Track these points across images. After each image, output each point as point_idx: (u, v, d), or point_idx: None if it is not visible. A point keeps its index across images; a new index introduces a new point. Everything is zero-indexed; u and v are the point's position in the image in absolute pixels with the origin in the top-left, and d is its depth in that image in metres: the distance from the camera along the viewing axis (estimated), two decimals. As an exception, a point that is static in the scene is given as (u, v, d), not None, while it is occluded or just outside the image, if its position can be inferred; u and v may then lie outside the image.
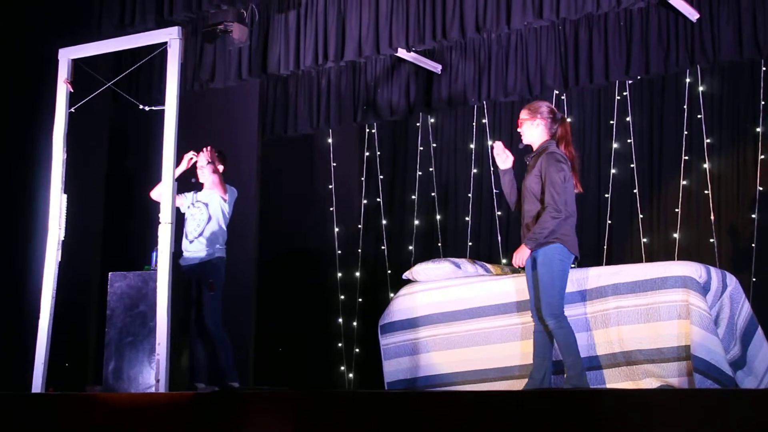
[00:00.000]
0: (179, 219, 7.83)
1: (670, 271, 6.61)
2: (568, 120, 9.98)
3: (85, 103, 7.36)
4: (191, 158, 7.90)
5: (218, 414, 5.16)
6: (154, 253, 7.12)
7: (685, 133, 9.62)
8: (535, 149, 6.55)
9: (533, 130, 6.55)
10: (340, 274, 11.11)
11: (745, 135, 9.44)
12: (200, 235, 7.79)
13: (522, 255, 6.28)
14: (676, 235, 9.53)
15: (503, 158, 6.63)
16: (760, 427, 3.95)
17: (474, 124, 10.79)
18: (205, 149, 7.89)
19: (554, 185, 6.28)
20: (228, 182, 7.99)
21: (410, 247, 10.99)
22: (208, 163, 7.84)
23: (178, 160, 7.21)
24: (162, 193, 6.88)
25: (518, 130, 6.64)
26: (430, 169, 11.05)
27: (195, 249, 7.78)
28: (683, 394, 4.94)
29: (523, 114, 6.59)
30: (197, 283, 7.71)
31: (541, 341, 6.38)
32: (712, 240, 9.32)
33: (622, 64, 8.74)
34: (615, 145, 9.95)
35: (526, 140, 6.61)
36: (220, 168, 7.95)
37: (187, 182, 7.91)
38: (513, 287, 7.00)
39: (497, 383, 7.07)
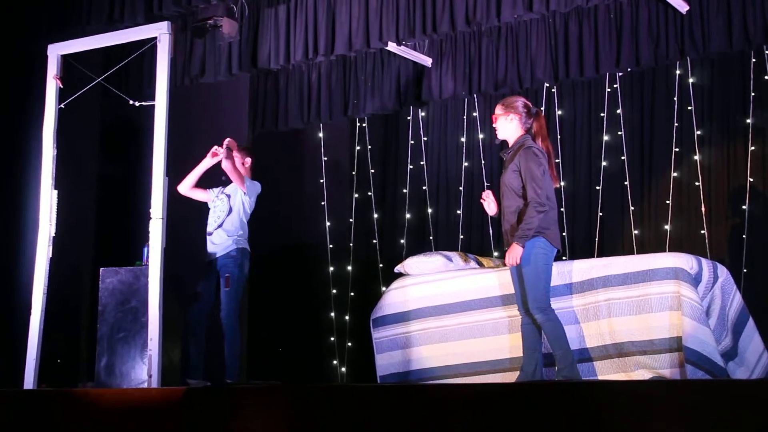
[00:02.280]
0: (197, 214, 7.85)
1: (661, 263, 6.62)
2: (559, 113, 10.14)
3: (75, 99, 7.35)
4: (215, 152, 7.80)
5: (211, 409, 5.16)
6: (146, 249, 7.11)
7: (676, 125, 9.63)
8: (510, 144, 6.56)
9: (507, 125, 6.56)
10: (331, 269, 11.11)
11: (736, 126, 9.46)
12: (219, 226, 7.71)
13: (515, 254, 6.27)
14: (667, 227, 9.55)
15: (489, 205, 6.68)
16: (751, 417, 3.96)
17: (465, 117, 10.80)
18: (225, 147, 7.81)
19: (535, 180, 6.30)
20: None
21: (402, 241, 10.99)
22: (226, 158, 7.76)
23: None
24: (153, 189, 6.86)
25: (493, 125, 6.65)
26: (421, 163, 11.05)
27: (215, 241, 7.72)
28: (675, 385, 4.95)
29: (498, 109, 6.61)
30: (214, 276, 7.66)
31: (530, 333, 6.39)
32: (703, 231, 9.34)
33: (613, 56, 8.75)
34: (606, 138, 9.96)
35: (501, 135, 6.62)
36: (248, 161, 7.92)
37: (218, 178, 7.90)
38: (504, 280, 7.00)
39: (489, 376, 7.09)
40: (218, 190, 7.90)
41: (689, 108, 9.54)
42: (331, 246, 11.13)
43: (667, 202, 9.59)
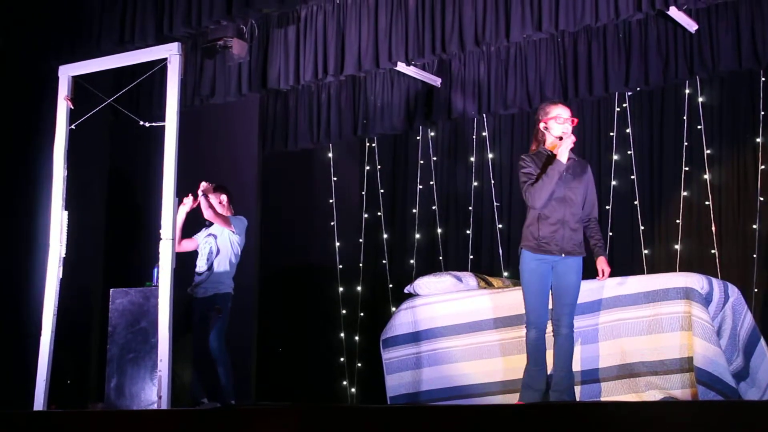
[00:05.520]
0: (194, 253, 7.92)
1: (671, 283, 6.61)
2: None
3: (86, 120, 7.36)
4: (183, 202, 7.84)
5: (220, 430, 5.15)
6: (156, 269, 7.11)
7: (685, 144, 9.62)
8: (570, 154, 6.51)
9: None
10: (341, 289, 11.10)
11: (745, 145, 9.44)
12: (208, 269, 7.81)
13: (607, 267, 6.43)
14: (677, 247, 9.52)
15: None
16: (764, 438, 3.94)
17: (474, 136, 10.79)
18: (200, 193, 7.83)
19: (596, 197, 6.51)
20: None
21: (411, 261, 10.98)
22: (207, 207, 7.81)
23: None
24: (162, 210, 6.87)
25: (572, 127, 6.52)
26: (431, 183, 11.04)
27: (204, 282, 7.84)
28: (686, 406, 4.93)
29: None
30: (202, 312, 7.74)
31: (566, 350, 6.35)
32: (713, 251, 9.31)
33: (622, 75, 8.76)
34: (615, 157, 9.95)
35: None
36: (223, 198, 7.98)
37: (201, 222, 7.98)
38: (515, 300, 6.98)
39: (500, 397, 7.06)
40: (204, 233, 7.97)
41: (699, 127, 9.53)
42: (340, 266, 11.12)
43: (677, 221, 9.57)
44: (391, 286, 10.94)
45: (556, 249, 6.28)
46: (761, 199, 9.18)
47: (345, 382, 10.93)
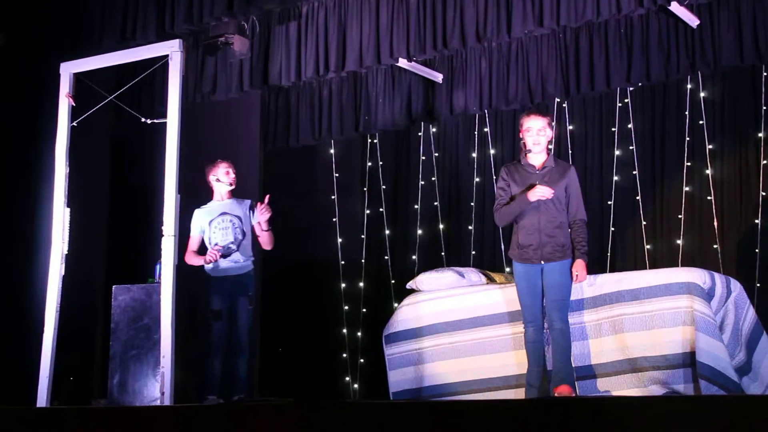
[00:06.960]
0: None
1: (674, 278, 6.61)
2: (570, 127, 10.14)
3: (87, 117, 7.38)
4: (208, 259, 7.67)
5: (223, 426, 5.16)
6: (158, 266, 7.11)
7: (687, 139, 9.61)
8: (548, 159, 6.57)
9: (547, 138, 6.61)
10: (343, 285, 11.10)
11: (747, 140, 9.43)
12: (237, 250, 7.64)
13: (585, 271, 6.50)
14: (679, 242, 9.52)
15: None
16: (766, 432, 3.94)
17: (476, 132, 10.78)
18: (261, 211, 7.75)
19: (582, 200, 6.56)
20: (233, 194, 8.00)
21: (413, 257, 10.98)
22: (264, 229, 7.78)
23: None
24: (165, 206, 6.87)
25: (545, 134, 6.59)
26: (433, 179, 11.04)
27: (230, 262, 7.62)
28: (689, 401, 4.93)
29: (547, 123, 6.62)
30: (230, 294, 7.61)
31: (561, 343, 6.43)
32: (715, 246, 9.30)
33: (623, 71, 8.75)
34: (617, 152, 9.94)
35: (543, 148, 6.61)
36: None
37: (201, 198, 7.84)
38: (516, 296, 6.98)
39: (502, 392, 7.07)
40: (213, 214, 7.77)
41: (701, 122, 9.52)
42: (342, 262, 11.12)
43: (680, 216, 9.56)
44: (393, 282, 10.94)
45: (536, 257, 6.50)
46: (763, 194, 9.17)
47: (348, 378, 10.93)
